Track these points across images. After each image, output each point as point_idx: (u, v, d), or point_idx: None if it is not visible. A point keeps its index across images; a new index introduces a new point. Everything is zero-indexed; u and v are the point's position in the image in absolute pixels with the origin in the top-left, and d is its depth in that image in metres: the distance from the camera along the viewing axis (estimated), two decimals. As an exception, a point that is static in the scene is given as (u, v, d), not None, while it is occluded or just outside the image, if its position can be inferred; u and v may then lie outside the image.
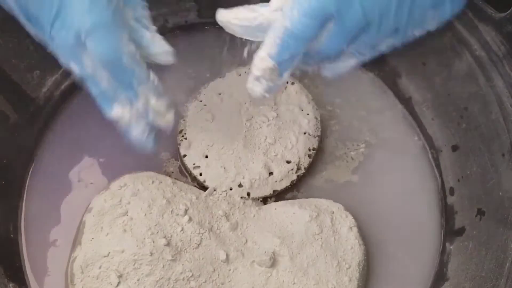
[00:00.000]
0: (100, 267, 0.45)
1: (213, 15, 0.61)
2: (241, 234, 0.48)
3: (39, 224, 0.51)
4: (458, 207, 0.51)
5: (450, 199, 0.53)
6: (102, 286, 0.44)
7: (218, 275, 0.46)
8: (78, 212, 0.50)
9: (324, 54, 0.39)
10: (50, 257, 0.49)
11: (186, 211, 0.47)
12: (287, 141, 0.52)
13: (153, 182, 0.49)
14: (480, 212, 0.49)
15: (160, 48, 0.41)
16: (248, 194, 0.50)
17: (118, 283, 0.44)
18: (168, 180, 0.50)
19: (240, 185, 0.50)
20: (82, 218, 0.49)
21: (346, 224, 0.48)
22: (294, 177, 0.52)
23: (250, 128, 0.52)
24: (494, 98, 0.48)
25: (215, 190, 0.50)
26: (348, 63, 0.42)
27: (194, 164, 0.52)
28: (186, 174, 0.53)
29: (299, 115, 0.54)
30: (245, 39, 0.42)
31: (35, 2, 0.37)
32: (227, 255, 0.46)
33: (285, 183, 0.51)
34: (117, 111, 0.41)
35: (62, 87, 0.56)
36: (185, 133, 0.53)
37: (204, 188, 0.51)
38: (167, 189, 0.49)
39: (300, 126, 0.53)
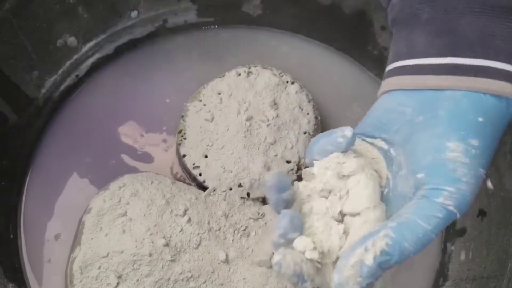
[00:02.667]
0: (99, 268, 0.45)
1: (212, 15, 0.61)
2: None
3: (38, 224, 0.51)
4: (460, 207, 0.51)
5: (451, 199, 0.52)
6: (101, 286, 0.44)
7: (218, 275, 0.45)
8: (77, 213, 0.50)
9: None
10: (49, 257, 0.49)
11: (185, 212, 0.47)
12: (287, 141, 0.52)
13: (152, 182, 0.49)
14: (482, 213, 0.48)
15: None
16: (248, 194, 0.50)
17: (118, 284, 0.44)
18: (168, 180, 0.50)
19: (240, 185, 0.50)
20: (81, 218, 0.49)
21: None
22: (294, 177, 0.51)
23: (250, 128, 0.52)
24: (496, 97, 0.47)
25: (214, 190, 0.50)
26: None
27: (193, 164, 0.51)
28: (186, 174, 0.53)
29: (299, 115, 0.53)
30: None
31: None
32: (226, 255, 0.46)
33: (285, 183, 0.51)
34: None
35: (61, 87, 0.56)
36: (184, 133, 0.53)
37: (203, 188, 0.51)
38: (166, 189, 0.49)
39: (300, 126, 0.53)
